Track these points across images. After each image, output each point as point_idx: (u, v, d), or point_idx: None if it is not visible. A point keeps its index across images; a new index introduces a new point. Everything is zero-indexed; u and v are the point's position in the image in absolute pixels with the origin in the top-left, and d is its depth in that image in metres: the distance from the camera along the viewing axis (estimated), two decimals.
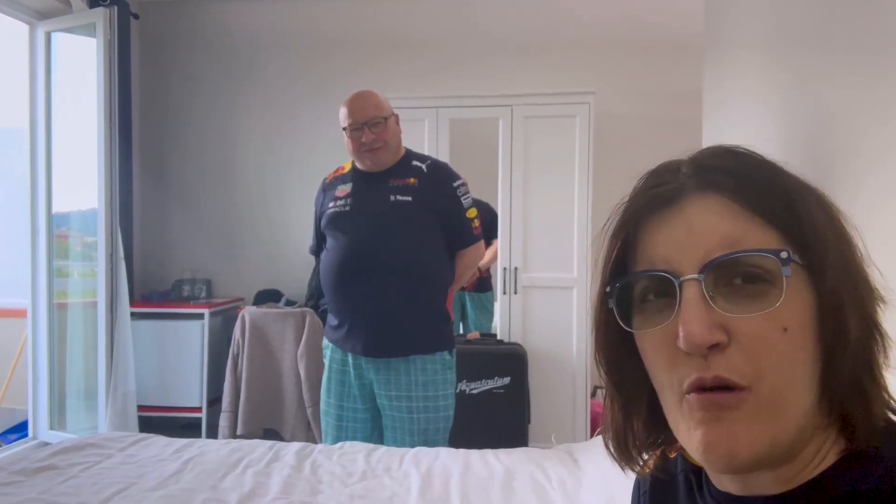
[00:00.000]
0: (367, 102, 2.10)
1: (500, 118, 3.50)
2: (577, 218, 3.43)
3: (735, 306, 0.50)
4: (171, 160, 4.27)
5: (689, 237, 0.52)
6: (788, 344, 0.49)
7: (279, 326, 3.55)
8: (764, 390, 0.49)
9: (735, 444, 0.49)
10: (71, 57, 3.70)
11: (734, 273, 0.50)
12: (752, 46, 2.35)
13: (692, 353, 0.50)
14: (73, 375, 3.72)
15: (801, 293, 0.50)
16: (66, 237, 3.85)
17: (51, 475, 1.70)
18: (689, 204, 0.54)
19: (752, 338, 0.49)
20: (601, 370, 0.61)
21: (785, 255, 0.49)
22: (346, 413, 2.16)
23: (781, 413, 0.49)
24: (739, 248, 0.50)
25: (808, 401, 0.50)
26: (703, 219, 0.52)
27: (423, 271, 2.09)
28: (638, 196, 0.57)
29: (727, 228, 0.51)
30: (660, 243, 0.54)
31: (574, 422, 3.44)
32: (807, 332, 0.50)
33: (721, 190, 0.53)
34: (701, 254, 0.51)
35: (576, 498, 1.59)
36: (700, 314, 0.49)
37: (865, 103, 1.52)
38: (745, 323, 0.49)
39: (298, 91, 4.13)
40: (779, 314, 0.49)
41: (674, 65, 3.79)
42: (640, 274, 0.55)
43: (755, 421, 0.49)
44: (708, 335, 0.49)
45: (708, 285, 0.50)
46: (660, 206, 0.55)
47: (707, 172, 0.54)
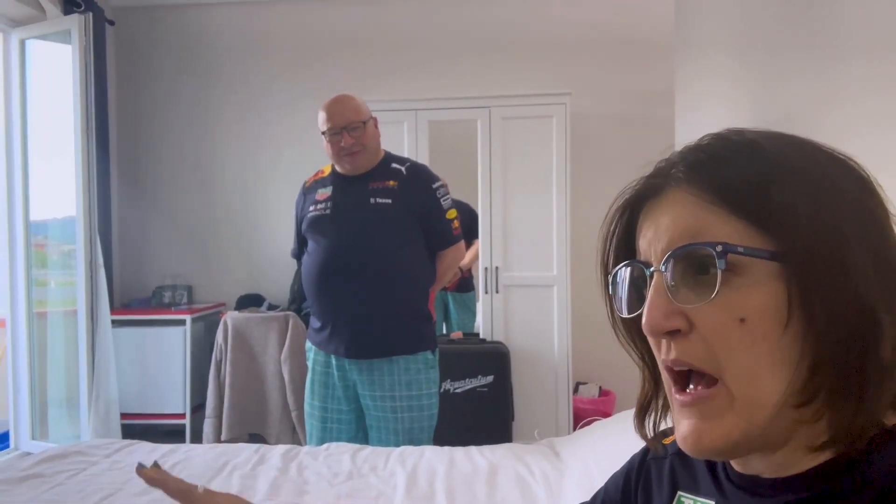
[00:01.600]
0: (345, 107, 2.12)
1: (479, 119, 3.54)
2: (556, 217, 3.48)
3: (694, 296, 0.51)
4: (148, 166, 4.25)
5: (659, 230, 0.55)
6: (747, 334, 0.49)
7: (262, 331, 3.55)
8: (731, 382, 0.50)
9: (704, 438, 0.52)
10: (46, 64, 3.67)
11: (693, 265, 0.52)
12: (719, 49, 2.42)
13: (652, 337, 0.54)
14: (54, 385, 3.69)
15: (766, 283, 0.50)
16: (43, 246, 3.82)
17: (36, 483, 1.70)
18: (667, 196, 0.55)
19: (708, 327, 0.51)
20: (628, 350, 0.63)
21: (720, 248, 0.49)
22: (331, 415, 2.18)
23: (751, 404, 0.50)
24: (696, 240, 0.51)
25: (781, 392, 0.49)
26: (671, 211, 0.54)
27: (404, 273, 2.12)
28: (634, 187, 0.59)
29: (688, 221, 0.53)
30: (643, 234, 0.57)
31: (557, 417, 3.48)
32: (772, 323, 0.49)
33: (691, 183, 0.54)
34: (664, 246, 0.53)
35: (558, 490, 1.63)
36: (658, 302, 0.52)
37: (822, 96, 1.60)
38: (701, 313, 0.51)
39: (276, 95, 4.14)
40: (732, 304, 0.50)
41: (647, 65, 3.85)
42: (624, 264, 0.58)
43: (727, 415, 0.51)
44: (664, 322, 0.52)
45: (675, 275, 0.52)
46: (648, 199, 0.57)
47: (686, 163, 0.55)
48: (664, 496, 0.67)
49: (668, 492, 0.66)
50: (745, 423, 0.50)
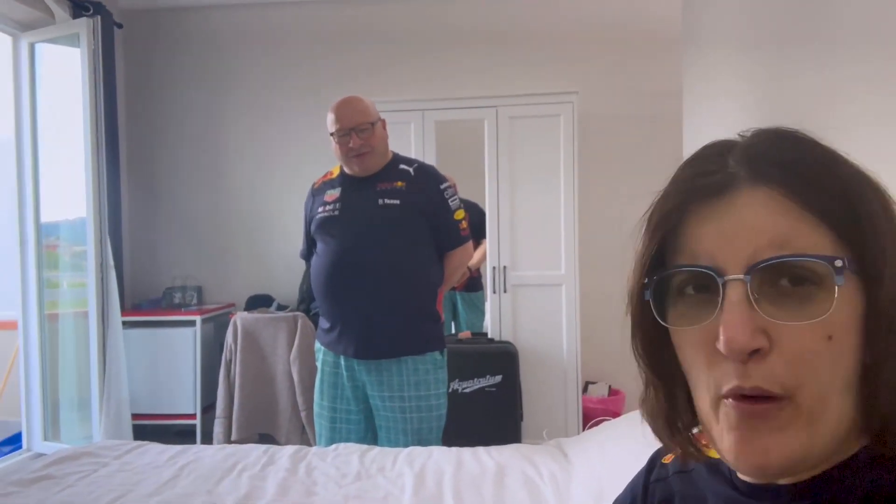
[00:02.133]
0: (353, 108, 2.12)
1: (486, 119, 3.53)
2: (564, 216, 3.47)
3: (780, 311, 0.47)
4: (158, 168, 4.27)
5: (738, 234, 0.49)
6: (832, 353, 0.47)
7: (271, 331, 3.56)
8: (803, 400, 0.47)
9: (767, 455, 0.48)
10: (55, 67, 3.70)
11: (780, 274, 0.48)
12: (727, 46, 2.41)
13: (732, 358, 0.48)
14: (65, 386, 3.72)
15: (851, 299, 0.47)
16: (55, 247, 3.85)
17: (47, 485, 1.71)
18: (739, 197, 0.50)
19: (795, 346, 0.47)
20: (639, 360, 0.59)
21: (840, 263, 0.46)
22: (340, 415, 2.18)
23: (818, 422, 0.47)
24: (790, 249, 0.47)
25: (847, 408, 0.48)
26: (753, 215, 0.49)
27: (413, 274, 2.12)
28: (683, 184, 0.53)
29: (778, 227, 0.48)
30: (705, 237, 0.51)
31: (566, 417, 3.48)
32: (852, 340, 0.47)
33: (773, 183, 0.49)
34: (749, 253, 0.48)
35: (566, 492, 1.62)
36: (743, 318, 0.47)
37: (830, 93, 1.59)
38: (788, 330, 0.47)
39: (285, 96, 4.15)
40: (825, 322, 0.46)
41: (654, 64, 3.83)
42: (682, 268, 0.52)
43: (790, 431, 0.47)
44: (750, 341, 0.46)
45: (753, 286, 0.47)
46: (707, 197, 0.51)
47: (758, 162, 0.51)
48: None
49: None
50: (808, 440, 0.48)
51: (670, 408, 0.59)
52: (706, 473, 0.61)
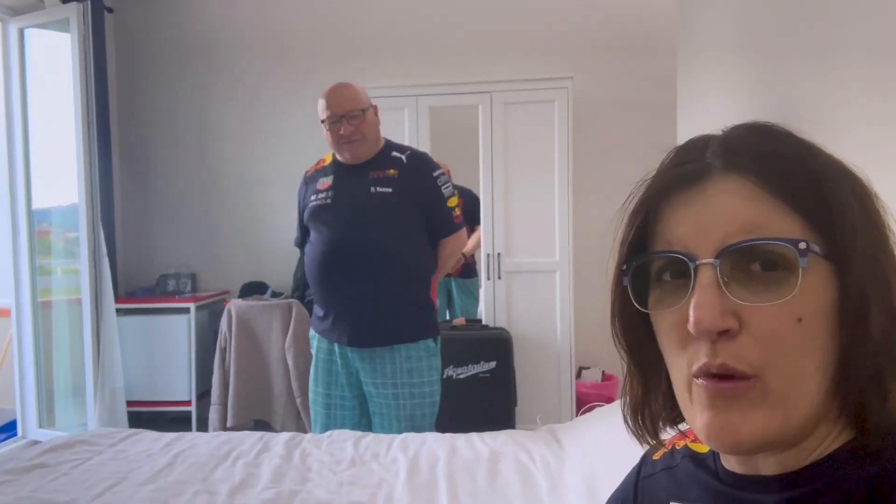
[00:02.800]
0: (344, 95, 2.11)
1: (480, 105, 3.52)
2: (558, 202, 3.47)
3: (749, 293, 0.49)
4: (150, 154, 4.25)
5: (709, 220, 0.51)
6: (801, 335, 0.48)
7: (266, 318, 3.56)
8: (772, 379, 0.48)
9: (737, 431, 0.49)
10: (45, 53, 3.66)
11: (751, 259, 0.49)
12: (723, 33, 2.40)
13: (701, 337, 0.50)
14: (60, 373, 3.72)
15: (822, 283, 0.49)
16: (47, 233, 3.84)
17: (42, 473, 1.72)
18: (712, 185, 0.52)
19: (763, 327, 0.48)
20: (619, 347, 0.61)
21: (804, 245, 0.48)
22: (335, 401, 2.20)
23: (788, 402, 0.49)
24: (759, 235, 0.49)
25: (819, 391, 0.49)
26: (724, 201, 0.51)
27: (406, 262, 2.12)
28: (662, 173, 0.56)
29: (748, 213, 0.50)
30: (679, 223, 0.53)
31: (560, 403, 3.50)
32: (822, 323, 0.49)
33: (746, 172, 0.51)
34: (719, 238, 0.50)
35: (559, 477, 1.64)
36: (712, 299, 0.48)
37: (824, 85, 1.59)
38: (757, 311, 0.48)
39: (278, 82, 4.12)
40: (794, 304, 0.48)
41: (649, 50, 3.81)
42: (656, 254, 0.54)
43: (759, 409, 0.49)
44: (718, 321, 0.48)
45: (724, 270, 0.49)
46: (682, 185, 0.54)
47: (733, 152, 0.52)
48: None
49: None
50: (780, 419, 0.49)
51: (643, 395, 0.61)
52: (692, 467, 0.62)
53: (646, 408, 0.61)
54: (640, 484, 0.70)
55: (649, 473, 0.69)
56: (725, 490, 0.57)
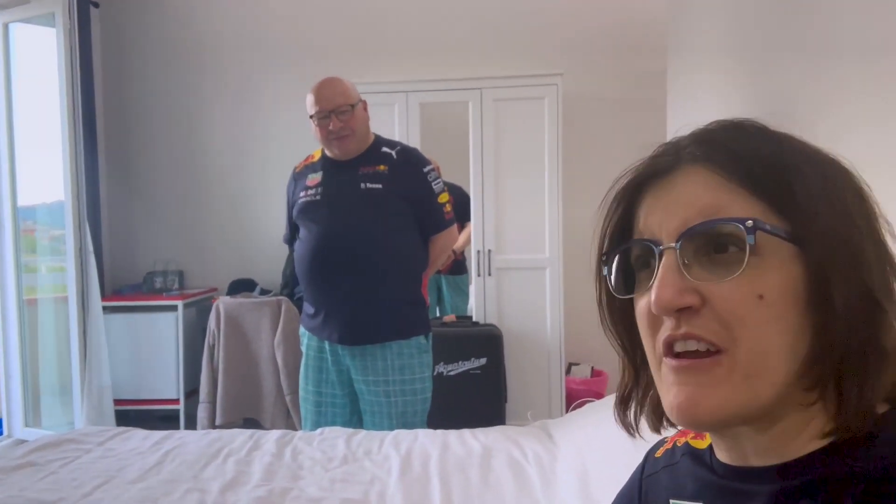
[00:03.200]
0: (333, 90, 2.09)
1: (470, 101, 3.52)
2: (548, 198, 3.47)
3: (708, 274, 0.51)
4: (137, 150, 4.20)
5: (672, 208, 0.54)
6: (765, 312, 0.49)
7: (255, 316, 3.54)
8: (739, 354, 0.49)
9: (697, 405, 0.51)
10: (31, 48, 3.62)
11: (709, 242, 0.51)
12: (713, 30, 2.42)
13: (663, 315, 0.52)
14: (46, 372, 3.69)
15: (785, 264, 0.50)
16: (32, 231, 3.79)
17: (30, 472, 1.70)
18: (680, 175, 0.54)
19: (724, 302, 0.50)
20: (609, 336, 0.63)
21: (750, 223, 0.49)
22: (325, 399, 2.18)
23: (755, 379, 0.49)
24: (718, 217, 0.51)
25: (788, 371, 0.50)
26: (687, 189, 0.53)
27: (397, 258, 2.11)
28: (637, 167, 0.58)
29: (708, 199, 0.52)
30: (650, 213, 0.56)
31: (550, 399, 3.51)
32: (788, 303, 0.50)
33: (710, 162, 0.53)
34: (680, 223, 0.52)
35: (551, 473, 1.64)
36: (671, 279, 0.51)
37: (815, 79, 1.60)
38: (717, 288, 0.50)
39: (266, 78, 4.09)
40: (753, 281, 0.49)
41: (639, 47, 3.82)
42: (628, 243, 0.57)
43: (723, 385, 0.50)
44: (677, 298, 0.50)
45: (686, 253, 0.51)
46: (655, 177, 0.56)
47: (702, 145, 0.55)
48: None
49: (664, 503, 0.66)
50: (745, 395, 0.50)
51: (633, 385, 0.63)
52: (690, 463, 0.63)
53: (632, 397, 0.63)
54: (644, 483, 0.71)
55: (651, 472, 0.69)
56: (720, 482, 0.57)
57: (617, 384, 0.65)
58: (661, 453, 0.69)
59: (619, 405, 0.64)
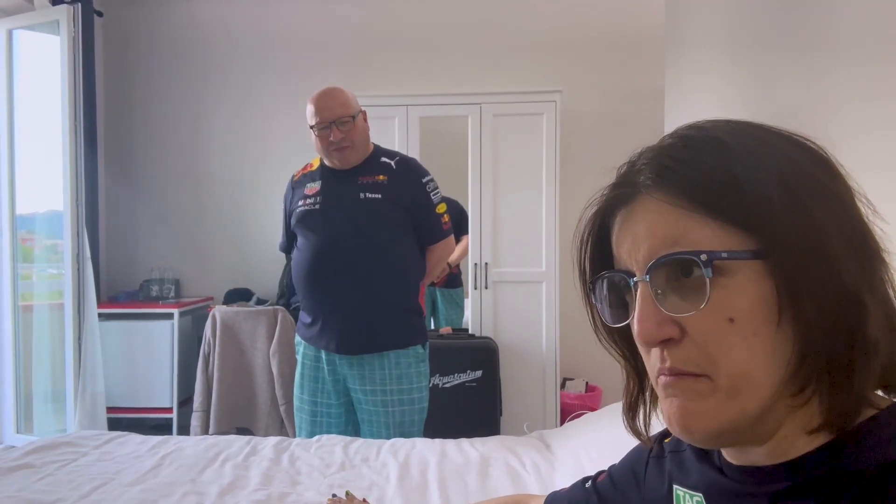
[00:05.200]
0: (334, 101, 2.09)
1: (469, 116, 3.55)
2: (546, 213, 3.50)
3: (682, 302, 0.52)
4: (137, 159, 4.22)
5: (636, 239, 0.55)
6: (738, 333, 0.50)
7: (251, 325, 3.54)
8: (720, 377, 0.51)
9: (689, 417, 0.52)
10: (34, 55, 3.64)
11: (676, 269, 0.52)
12: (710, 47, 2.44)
13: (647, 347, 0.54)
14: (39, 378, 3.66)
15: (752, 281, 0.50)
16: (28, 240, 3.79)
17: (26, 474, 1.69)
18: (639, 204, 0.55)
19: (699, 332, 0.51)
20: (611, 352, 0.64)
21: (704, 257, 0.50)
22: (321, 409, 2.17)
23: (740, 397, 0.50)
24: (679, 248, 0.51)
25: (774, 382, 0.51)
26: (647, 219, 0.54)
27: (395, 268, 2.11)
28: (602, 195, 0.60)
29: (667, 228, 0.53)
30: (619, 242, 0.57)
31: (544, 413, 3.51)
32: (760, 319, 0.50)
33: (661, 189, 0.54)
34: (646, 255, 0.53)
35: (549, 481, 1.64)
36: (648, 312, 0.52)
37: (814, 95, 1.62)
38: (692, 318, 0.51)
39: (266, 88, 4.12)
40: (720, 307, 0.50)
41: (637, 65, 3.88)
42: (604, 273, 0.59)
43: (710, 400, 0.51)
44: (657, 332, 0.52)
45: (658, 283, 0.53)
46: (618, 207, 0.58)
47: (653, 170, 0.55)
48: (663, 491, 0.69)
49: (665, 487, 0.68)
50: (732, 412, 0.51)
51: (639, 394, 0.64)
52: (696, 456, 0.64)
53: (640, 405, 0.65)
54: (650, 463, 0.73)
55: (658, 454, 0.72)
56: (725, 481, 0.58)
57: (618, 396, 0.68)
58: (670, 438, 0.71)
59: (628, 412, 0.65)
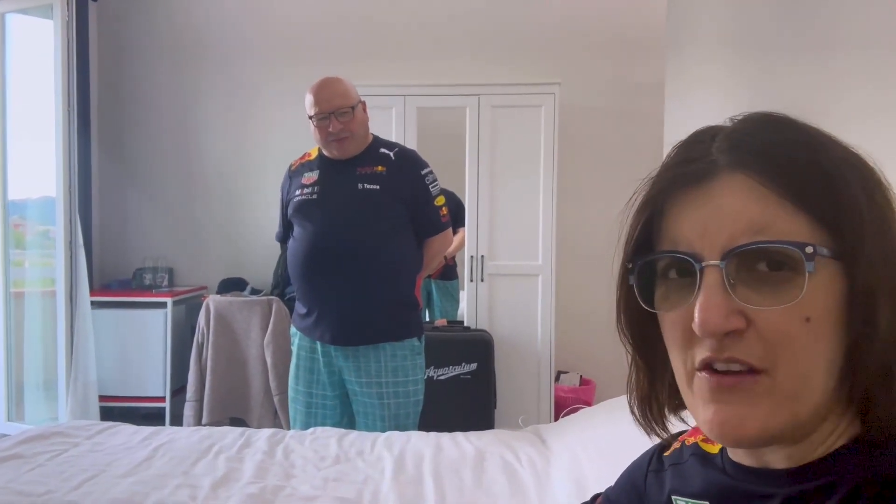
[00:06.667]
0: (333, 91, 2.07)
1: (468, 107, 3.53)
2: (543, 206, 3.48)
3: (755, 294, 0.49)
4: (131, 146, 4.18)
5: (715, 220, 0.50)
6: (810, 334, 0.48)
7: (245, 315, 3.52)
8: (781, 377, 0.48)
9: (742, 425, 0.49)
10: (27, 39, 3.60)
11: (757, 259, 0.49)
12: (711, 40, 2.43)
13: (707, 338, 0.50)
14: (31, 366, 3.64)
15: (831, 282, 0.48)
16: (20, 226, 3.75)
17: (16, 464, 1.67)
18: (718, 184, 0.51)
19: (771, 328, 0.48)
20: (624, 341, 0.61)
21: (810, 249, 0.47)
22: (315, 400, 2.17)
23: (797, 398, 0.49)
24: (765, 236, 0.48)
25: (827, 387, 0.49)
26: (729, 202, 0.50)
27: (392, 259, 2.10)
28: (667, 171, 0.55)
29: (754, 214, 0.49)
30: (684, 223, 0.52)
31: (539, 406, 3.51)
32: (832, 321, 0.48)
33: (751, 171, 0.50)
34: (724, 239, 0.49)
35: (545, 476, 1.64)
36: (718, 301, 0.48)
37: (816, 88, 1.62)
38: (765, 312, 0.48)
39: (263, 76, 4.08)
40: (801, 305, 0.47)
41: (637, 58, 3.86)
42: (662, 254, 0.54)
43: (764, 403, 0.49)
44: (725, 323, 0.48)
45: (730, 272, 0.49)
46: (687, 184, 0.53)
47: (739, 149, 0.51)
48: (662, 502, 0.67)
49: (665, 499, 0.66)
50: (787, 415, 0.49)
51: (650, 389, 0.61)
52: (698, 464, 0.63)
53: (653, 400, 0.62)
54: (648, 477, 0.70)
55: (658, 468, 0.69)
56: (732, 483, 0.57)
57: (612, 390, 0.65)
58: (669, 452, 0.69)
59: (640, 407, 0.62)
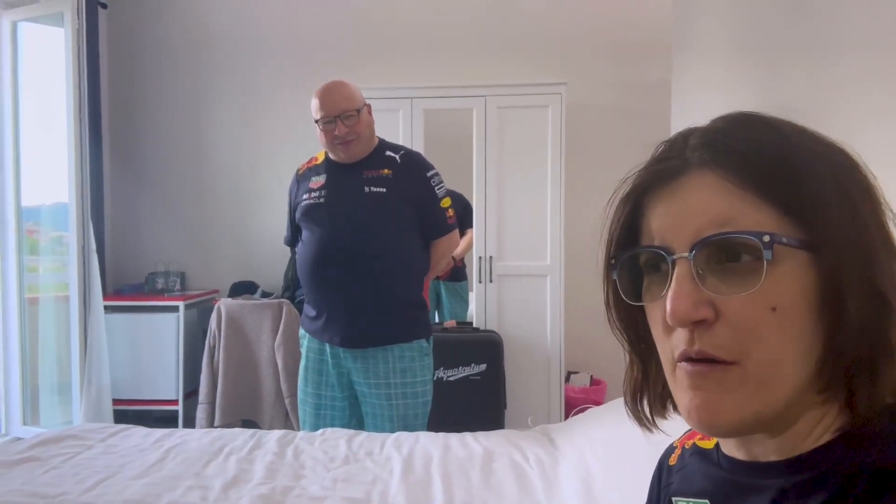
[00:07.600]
0: (338, 94, 2.08)
1: (474, 108, 3.53)
2: (550, 207, 3.49)
3: (723, 285, 0.50)
4: (142, 151, 4.22)
5: (684, 214, 0.53)
6: (777, 323, 0.49)
7: (256, 318, 3.55)
8: (750, 366, 0.49)
9: (714, 410, 0.51)
10: (38, 47, 3.64)
11: (723, 251, 0.51)
12: (717, 40, 2.42)
13: (678, 327, 0.52)
14: (45, 370, 3.68)
15: (798, 272, 0.50)
16: (34, 232, 3.80)
17: (31, 466, 1.70)
18: (688, 181, 0.53)
19: (738, 316, 0.50)
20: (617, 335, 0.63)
21: (767, 238, 0.49)
22: (325, 402, 2.18)
23: (768, 388, 0.50)
24: (731, 228, 0.50)
25: (802, 376, 0.50)
26: (697, 198, 0.52)
27: (399, 262, 2.11)
28: (645, 169, 0.57)
29: (720, 208, 0.51)
30: (658, 218, 0.55)
31: (549, 407, 3.51)
32: (800, 310, 0.50)
33: (720, 166, 0.52)
34: (693, 231, 0.52)
35: (553, 476, 1.64)
36: (686, 291, 0.50)
37: (822, 87, 1.61)
38: (732, 302, 0.50)
39: (271, 81, 4.11)
40: (766, 294, 0.49)
41: (643, 57, 3.86)
42: (637, 249, 0.56)
43: (737, 391, 0.50)
44: (692, 312, 0.50)
45: (699, 263, 0.51)
46: (662, 181, 0.55)
47: (709, 148, 0.53)
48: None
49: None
50: (759, 403, 0.50)
51: (643, 379, 0.63)
52: (698, 463, 0.64)
53: (644, 392, 0.63)
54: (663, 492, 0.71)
55: (668, 482, 0.70)
56: (727, 477, 0.58)
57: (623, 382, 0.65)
58: (674, 461, 0.70)
59: (631, 399, 0.64)
